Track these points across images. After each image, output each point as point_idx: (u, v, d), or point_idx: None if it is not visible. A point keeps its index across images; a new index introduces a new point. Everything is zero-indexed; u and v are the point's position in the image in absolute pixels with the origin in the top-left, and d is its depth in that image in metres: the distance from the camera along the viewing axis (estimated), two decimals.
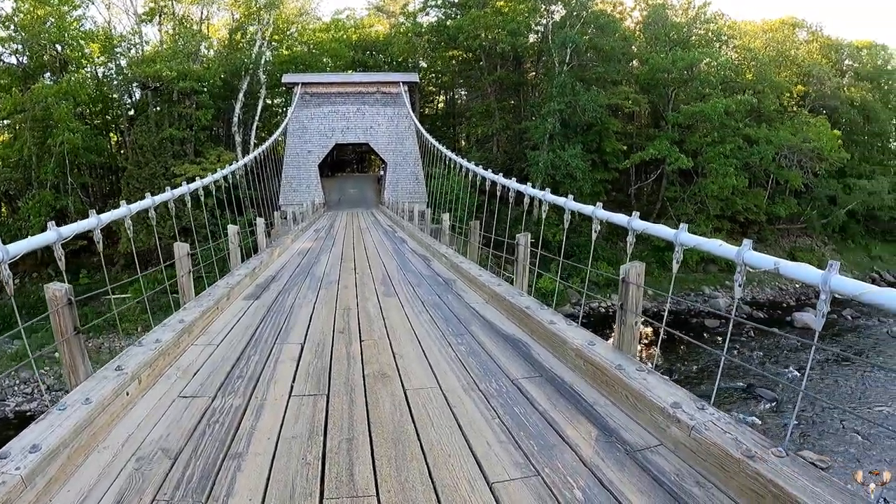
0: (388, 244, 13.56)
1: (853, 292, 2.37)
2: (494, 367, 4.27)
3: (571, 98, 26.94)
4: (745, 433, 2.76)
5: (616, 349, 4.04)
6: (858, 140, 35.73)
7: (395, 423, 3.26)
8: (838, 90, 35.44)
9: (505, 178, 8.05)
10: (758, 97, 30.25)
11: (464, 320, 5.75)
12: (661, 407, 3.07)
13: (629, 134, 30.70)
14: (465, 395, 3.69)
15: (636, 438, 3.08)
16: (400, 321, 5.78)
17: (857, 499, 2.25)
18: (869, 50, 40.42)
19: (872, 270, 32.35)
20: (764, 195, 30.30)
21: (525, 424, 3.25)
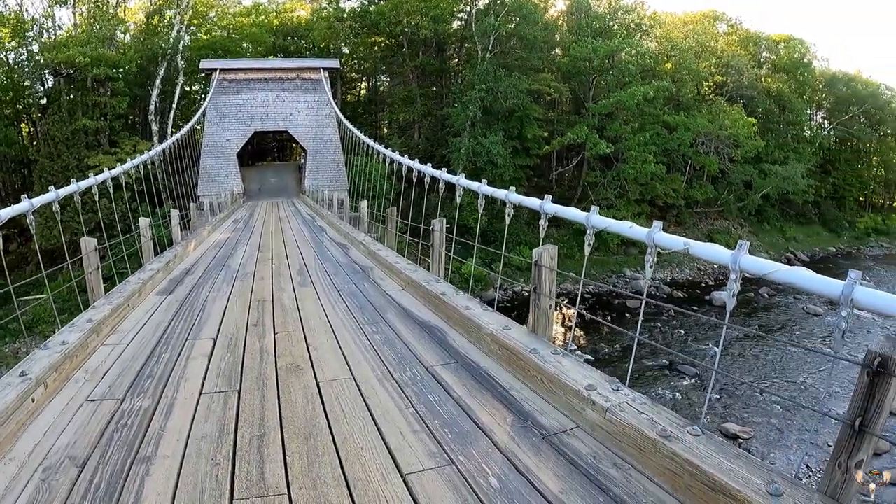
0: (306, 233, 13.42)
1: (763, 271, 2.43)
2: (409, 355, 4.25)
3: (493, 85, 27.26)
4: (660, 413, 2.79)
5: (531, 333, 4.06)
6: (774, 128, 37.52)
7: (308, 418, 3.19)
8: (756, 81, 37.14)
9: (422, 165, 7.98)
10: (677, 86, 31.38)
11: (380, 308, 5.73)
12: (576, 390, 3.09)
13: (551, 120, 31.22)
14: (379, 385, 3.65)
15: (552, 422, 3.09)
16: (315, 312, 5.73)
17: (774, 473, 2.29)
18: (786, 44, 42.61)
19: (787, 251, 34.17)
20: (682, 180, 31.41)
21: (439, 412, 3.22)
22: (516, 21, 30.03)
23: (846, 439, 2.10)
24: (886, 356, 1.98)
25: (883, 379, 1.99)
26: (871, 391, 2.02)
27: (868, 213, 45.50)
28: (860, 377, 2.07)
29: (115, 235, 9.28)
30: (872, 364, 2.00)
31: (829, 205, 42.03)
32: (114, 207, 14.61)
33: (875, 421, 2.04)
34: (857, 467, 2.11)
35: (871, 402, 2.03)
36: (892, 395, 2.02)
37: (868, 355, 2.04)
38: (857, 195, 46.01)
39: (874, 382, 2.01)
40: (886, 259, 38.56)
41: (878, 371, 1.99)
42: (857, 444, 2.06)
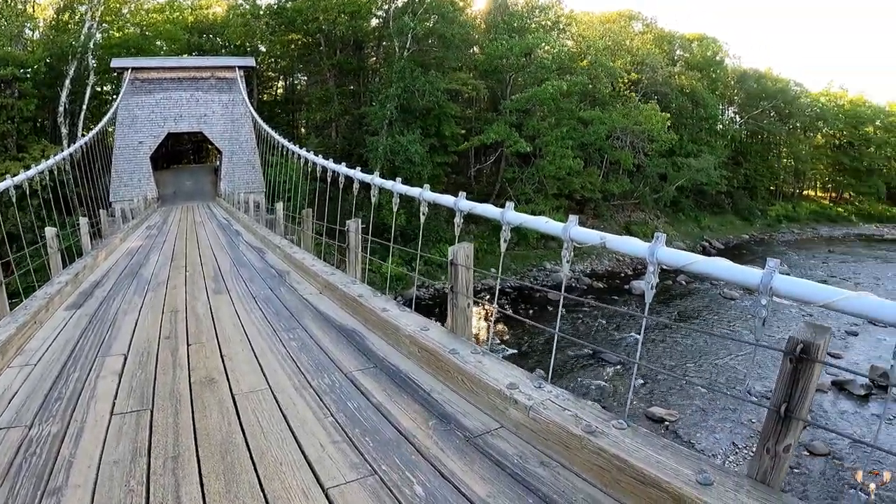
0: (222, 238, 13.11)
1: (680, 263, 2.46)
2: (327, 362, 4.17)
3: (410, 83, 27.47)
4: (584, 408, 2.82)
5: (450, 333, 4.04)
6: (687, 123, 39.23)
7: (224, 434, 3.08)
8: (670, 78, 38.80)
9: (336, 164, 7.88)
10: (593, 83, 32.41)
11: (297, 314, 5.63)
12: (498, 389, 3.08)
13: (469, 118, 31.68)
14: (297, 395, 3.56)
15: (476, 423, 3.07)
16: (230, 320, 5.58)
17: (704, 462, 2.34)
18: (700, 42, 44.77)
19: (703, 240, 35.94)
20: (598, 174, 32.52)
21: (360, 420, 3.16)
22: (434, 20, 30.27)
23: (773, 425, 2.14)
24: (809, 342, 2.04)
25: (806, 365, 2.05)
26: (794, 377, 2.08)
27: (779, 201, 48.65)
28: (783, 364, 2.12)
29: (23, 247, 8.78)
30: (795, 351, 2.05)
31: (742, 194, 44.53)
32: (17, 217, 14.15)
33: (800, 406, 2.09)
34: (786, 451, 2.17)
35: (796, 388, 2.08)
36: (816, 381, 2.09)
37: (790, 342, 2.09)
38: (768, 185, 49.05)
39: (797, 369, 2.07)
40: (798, 244, 41.55)
41: (801, 357, 2.04)
42: (784, 429, 2.12)
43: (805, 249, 38.78)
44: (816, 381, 2.09)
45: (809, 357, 2.03)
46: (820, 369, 2.08)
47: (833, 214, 53.80)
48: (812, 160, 53.51)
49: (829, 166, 56.55)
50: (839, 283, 28.04)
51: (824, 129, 55.75)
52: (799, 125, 51.64)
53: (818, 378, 2.10)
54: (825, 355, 2.08)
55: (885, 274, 31.88)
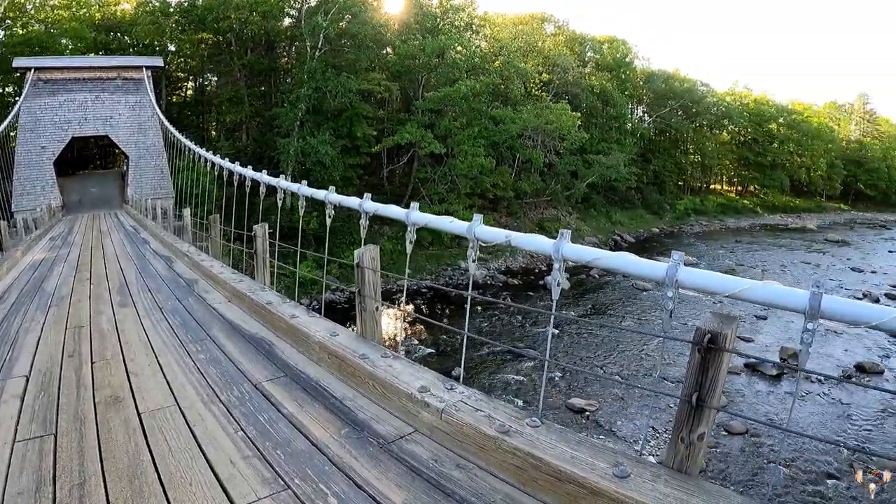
0: (129, 248, 12.74)
1: (586, 258, 2.53)
2: (236, 373, 4.05)
3: (322, 84, 27.58)
4: (497, 408, 2.86)
5: (360, 337, 4.03)
6: (597, 122, 40.90)
7: (131, 456, 2.94)
8: (581, 79, 40.44)
9: (243, 168, 7.80)
10: (505, 84, 33.43)
11: (205, 324, 5.47)
12: (409, 393, 3.09)
13: (381, 119, 32.01)
14: (206, 410, 3.44)
15: (389, 429, 3.07)
16: (136, 334, 5.37)
17: (620, 455, 2.41)
18: (610, 44, 46.93)
19: (614, 234, 37.62)
20: (510, 173, 33.54)
21: (271, 433, 3.09)
22: (347, 19, 30.38)
23: (685, 415, 2.20)
24: (716, 332, 2.10)
25: (714, 354, 2.10)
26: (703, 367, 2.14)
27: (687, 195, 51.48)
28: (692, 354, 2.16)
29: None
30: (703, 341, 2.11)
31: (651, 190, 46.75)
32: None
33: (711, 395, 2.14)
34: (700, 439, 2.22)
35: (706, 378, 2.13)
36: (726, 369, 2.15)
37: (698, 333, 2.14)
38: (677, 180, 51.88)
39: (706, 358, 2.12)
40: (706, 235, 43.91)
41: (709, 347, 2.10)
42: (697, 418, 2.18)
43: (713, 240, 41.14)
44: (726, 370, 2.16)
45: (717, 346, 2.10)
46: (729, 358, 2.15)
47: (739, 207, 57.34)
48: (718, 156, 57.05)
49: (734, 161, 60.40)
50: (747, 270, 30.28)
51: (730, 127, 59.48)
52: (705, 123, 54.87)
53: (727, 366, 2.16)
54: (733, 344, 2.17)
55: (790, 261, 34.40)
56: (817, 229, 53.85)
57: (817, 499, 9.90)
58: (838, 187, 75.20)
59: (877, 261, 36.37)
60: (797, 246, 41.05)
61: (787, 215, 60.72)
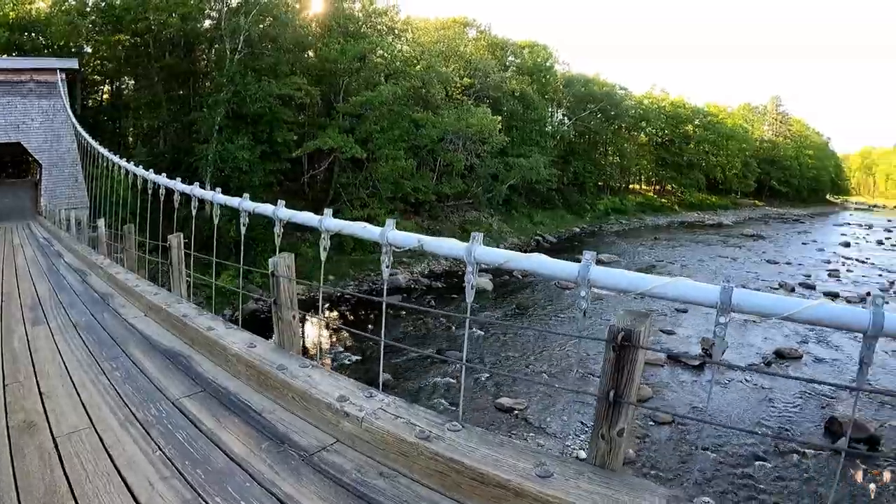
0: (41, 261, 12.25)
1: (498, 261, 2.59)
2: (153, 390, 3.96)
3: (241, 88, 27.45)
4: (418, 414, 2.91)
5: (278, 348, 4.02)
6: (518, 125, 42.21)
7: (47, 484, 2.86)
8: (502, 83, 41.57)
9: (157, 175, 7.58)
10: (426, 87, 34.10)
11: (120, 340, 5.29)
12: (329, 403, 3.11)
13: (301, 123, 32.01)
14: (123, 431, 3.35)
15: (310, 441, 3.06)
16: (49, 353, 5.17)
17: (542, 454, 2.47)
18: (531, 49, 48.61)
19: (536, 234, 38.99)
20: (431, 176, 34.39)
21: (190, 451, 3.03)
22: (268, 21, 30.24)
23: (604, 411, 2.26)
24: (629, 329, 2.16)
25: (629, 351, 2.16)
26: (619, 364, 2.19)
27: (606, 195, 53.95)
28: (607, 352, 2.21)
29: None
30: (616, 339, 2.16)
31: (572, 190, 48.72)
32: None
33: (628, 391, 2.20)
34: (620, 435, 2.27)
35: (622, 374, 2.19)
36: (641, 366, 2.21)
37: (611, 331, 2.19)
38: (596, 180, 54.00)
39: (621, 356, 2.18)
40: (626, 233, 45.98)
41: (623, 344, 2.16)
42: (616, 414, 2.24)
43: (633, 238, 43.10)
44: (641, 366, 2.23)
45: (632, 344, 2.16)
46: (643, 354, 2.21)
47: (657, 205, 60.56)
48: (637, 157, 60.06)
49: (652, 162, 63.66)
50: (666, 266, 31.99)
51: (647, 129, 62.69)
52: (624, 125, 57.63)
53: (643, 362, 2.23)
54: (647, 340, 2.24)
55: (707, 256, 36.38)
56: (733, 225, 57.67)
57: (742, 482, 10.33)
58: (752, 185, 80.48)
59: (791, 253, 39.69)
60: (714, 241, 43.61)
61: (704, 212, 64.54)
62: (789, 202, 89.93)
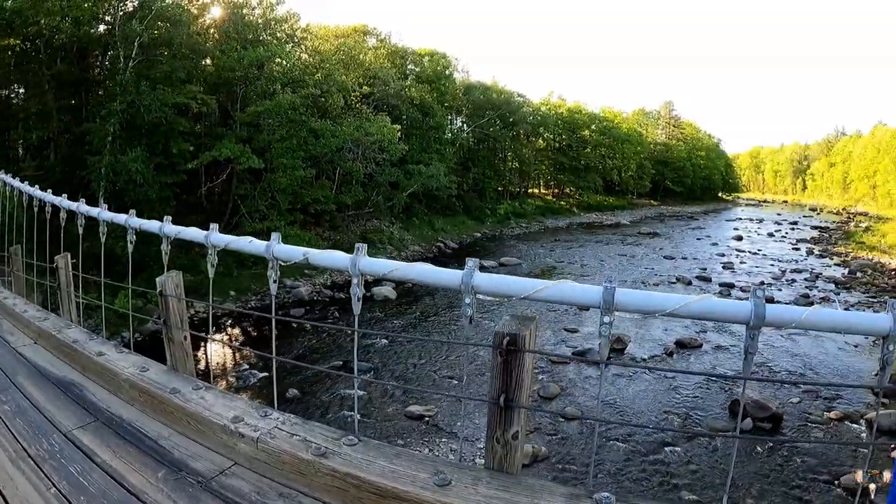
0: None
1: (383, 271, 2.63)
2: (45, 423, 3.78)
3: (136, 97, 27.17)
4: (313, 430, 2.91)
5: (171, 370, 3.95)
6: (417, 133, 43.61)
7: None
8: (401, 91, 42.86)
9: (43, 192, 7.19)
10: (325, 96, 34.74)
11: (10, 371, 4.95)
12: (223, 424, 3.08)
13: (198, 133, 31.71)
14: (14, 468, 3.21)
15: (208, 465, 3.01)
16: None
17: (440, 463, 2.55)
18: (431, 57, 50.16)
19: (438, 241, 40.18)
20: (330, 186, 35.00)
21: (85, 486, 2.94)
22: (166, 27, 29.83)
23: (496, 416, 2.31)
24: (514, 334, 2.20)
25: (515, 356, 2.21)
26: (507, 368, 2.24)
27: (506, 200, 56.64)
28: (494, 357, 2.25)
29: None
30: (502, 344, 2.21)
31: (472, 196, 50.63)
32: None
33: (518, 395, 2.25)
34: (515, 438, 2.32)
35: (511, 379, 2.24)
36: (530, 369, 2.26)
37: (496, 336, 2.23)
38: (496, 186, 56.53)
39: (508, 360, 2.23)
40: (526, 237, 47.94)
41: (510, 349, 2.20)
42: (508, 418, 2.29)
43: (534, 241, 44.98)
44: (530, 369, 2.27)
45: (518, 348, 2.19)
46: (531, 358, 2.25)
47: (557, 208, 64.13)
48: (535, 162, 63.46)
49: (550, 166, 67.48)
50: (567, 266, 33.56)
51: (545, 135, 66.49)
52: (522, 132, 60.83)
53: (531, 366, 2.27)
54: (534, 344, 2.27)
55: (607, 255, 38.47)
56: (630, 224, 61.39)
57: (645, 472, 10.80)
58: (648, 185, 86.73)
59: (686, 248, 42.68)
60: (613, 241, 46.05)
61: (602, 213, 68.86)
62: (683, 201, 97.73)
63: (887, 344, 2.04)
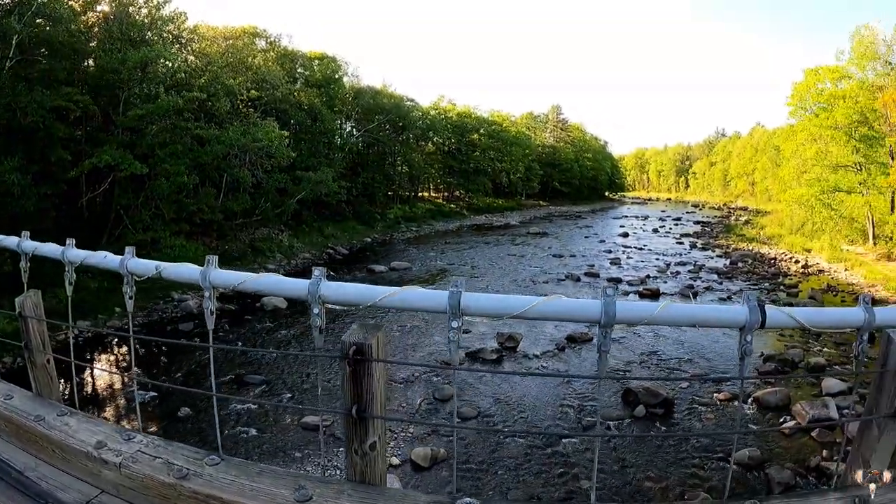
0: None
1: (233, 282, 2.64)
2: None
3: (13, 100, 26.29)
4: (176, 452, 2.87)
5: (36, 397, 3.84)
6: (306, 138, 44.29)
7: None
8: (290, 95, 43.58)
9: None
10: (211, 100, 34.77)
11: None
12: (87, 451, 3.01)
13: (78, 139, 30.94)
14: None
15: (74, 496, 2.93)
16: None
17: (302, 478, 2.61)
18: (321, 61, 51.08)
19: (328, 247, 40.89)
20: (215, 194, 34.85)
21: None
22: (46, 24, 28.91)
23: (351, 428, 2.37)
24: (361, 343, 2.27)
25: (363, 365, 2.27)
26: (356, 379, 2.30)
27: (397, 204, 58.82)
28: (343, 368, 2.31)
29: None
30: (349, 354, 2.26)
31: (362, 201, 51.88)
32: None
33: (371, 404, 2.32)
34: (372, 449, 2.39)
35: (361, 389, 2.31)
36: (381, 378, 2.36)
37: (343, 346, 2.29)
38: (386, 190, 58.71)
39: (357, 371, 2.29)
40: (417, 240, 49.68)
41: (357, 359, 2.26)
42: (363, 429, 2.35)
43: (424, 244, 46.51)
44: (382, 378, 2.35)
45: (365, 357, 2.25)
46: (382, 366, 2.33)
47: (447, 211, 67.18)
48: (425, 165, 65.83)
49: (440, 170, 70.36)
50: (457, 268, 34.88)
51: (435, 139, 69.42)
52: (412, 136, 63.16)
53: (383, 374, 2.35)
54: (383, 353, 2.35)
55: (497, 255, 40.17)
56: (520, 225, 64.87)
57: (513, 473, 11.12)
58: (536, 187, 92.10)
59: (574, 247, 44.95)
60: (503, 241, 48.12)
61: (492, 215, 72.72)
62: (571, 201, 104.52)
63: (744, 335, 2.17)
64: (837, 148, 42.66)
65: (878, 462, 2.44)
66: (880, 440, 2.42)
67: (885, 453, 2.44)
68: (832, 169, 43.21)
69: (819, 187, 43.93)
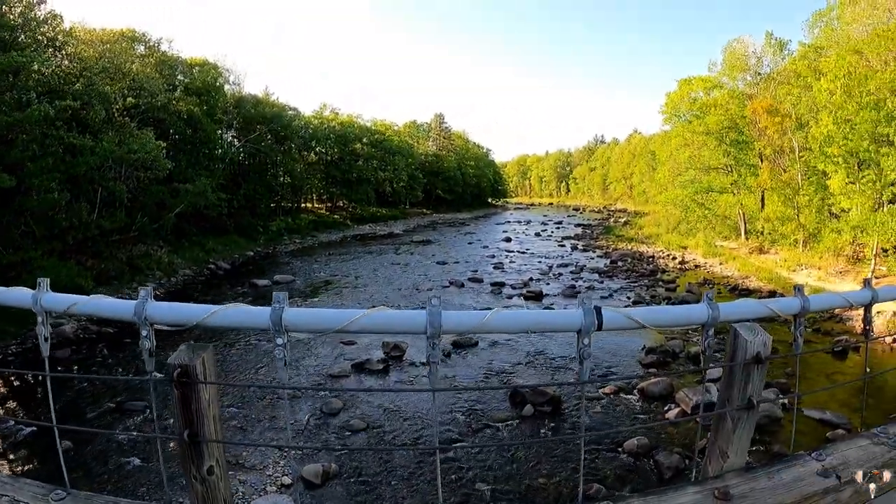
0: None
1: (65, 305, 2.54)
2: None
3: None
4: (23, 488, 2.76)
5: None
6: (185, 148, 43.98)
7: None
8: (169, 103, 42.69)
9: None
10: (86, 108, 34.01)
11: None
12: None
13: None
14: None
15: None
16: None
17: None
18: (201, 67, 50.42)
19: (209, 263, 40.33)
20: (89, 209, 33.77)
21: None
22: None
23: (186, 453, 2.32)
24: (186, 365, 2.23)
25: (190, 388, 2.24)
26: (185, 402, 2.26)
27: (279, 216, 58.95)
28: (172, 391, 2.26)
29: None
30: (174, 377, 2.22)
31: (244, 214, 51.50)
32: None
33: (203, 428, 2.29)
34: (210, 473, 2.35)
35: (191, 412, 2.26)
36: (213, 400, 2.33)
37: (170, 369, 2.25)
38: (269, 202, 58.56)
39: (185, 394, 2.25)
40: (301, 252, 49.67)
41: (183, 381, 2.21)
42: (198, 453, 2.31)
43: (308, 256, 46.62)
44: (214, 401, 2.34)
45: (191, 380, 2.21)
46: (212, 388, 2.30)
47: (330, 221, 67.78)
48: (308, 176, 66.57)
49: (323, 180, 71.41)
50: (341, 279, 35.10)
51: (317, 148, 70.49)
52: (294, 146, 63.86)
53: (212, 398, 2.31)
54: (212, 373, 2.31)
55: (381, 264, 40.81)
56: (404, 233, 66.60)
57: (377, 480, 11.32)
58: (420, 195, 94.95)
59: (458, 253, 46.45)
60: (387, 251, 49.05)
61: (376, 224, 74.21)
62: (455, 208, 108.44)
63: (581, 338, 2.20)
64: (709, 152, 47.42)
65: (735, 453, 2.53)
66: (735, 431, 2.53)
67: (741, 444, 2.55)
68: (705, 171, 48.19)
69: (693, 188, 48.77)
